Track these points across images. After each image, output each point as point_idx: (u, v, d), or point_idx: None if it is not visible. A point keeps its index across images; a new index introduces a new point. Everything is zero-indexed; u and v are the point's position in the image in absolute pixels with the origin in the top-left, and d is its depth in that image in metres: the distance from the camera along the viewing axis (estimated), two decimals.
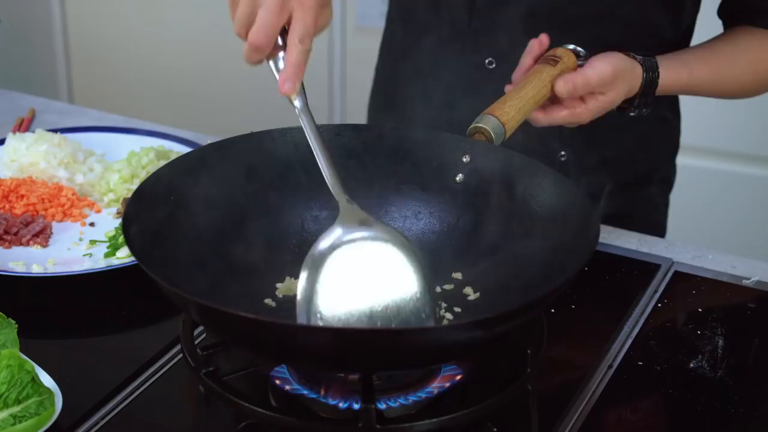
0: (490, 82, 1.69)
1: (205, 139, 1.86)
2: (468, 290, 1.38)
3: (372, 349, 1.14)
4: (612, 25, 1.68)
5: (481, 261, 1.38)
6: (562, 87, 1.49)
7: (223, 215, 1.39)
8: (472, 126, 1.42)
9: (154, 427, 1.31)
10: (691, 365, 1.37)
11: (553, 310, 1.44)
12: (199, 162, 1.40)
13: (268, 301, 1.37)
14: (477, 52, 1.74)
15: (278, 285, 1.39)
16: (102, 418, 1.29)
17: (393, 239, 1.26)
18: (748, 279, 1.55)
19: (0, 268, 1.52)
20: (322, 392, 1.25)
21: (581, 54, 1.54)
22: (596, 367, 1.37)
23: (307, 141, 1.32)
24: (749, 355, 1.40)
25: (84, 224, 1.69)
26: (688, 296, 1.51)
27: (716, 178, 2.87)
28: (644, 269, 1.56)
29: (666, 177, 1.94)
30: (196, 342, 1.29)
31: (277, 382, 1.27)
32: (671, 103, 1.87)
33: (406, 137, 1.46)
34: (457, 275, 1.40)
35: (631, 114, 1.59)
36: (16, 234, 1.62)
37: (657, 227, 1.91)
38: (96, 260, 1.58)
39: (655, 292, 1.52)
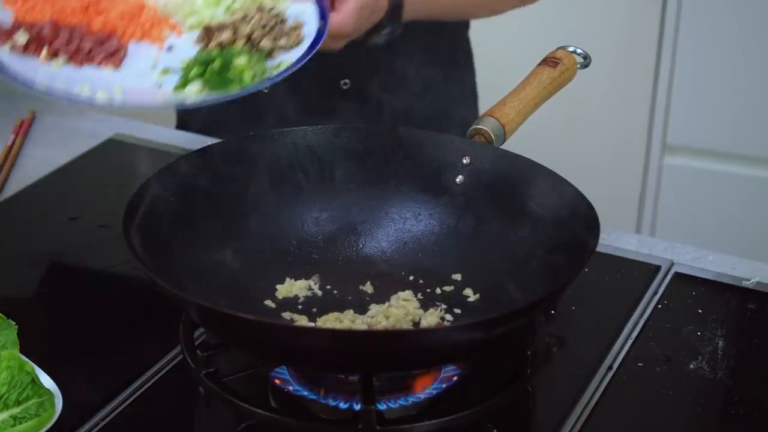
0: None
1: (205, 141, 1.86)
2: (468, 291, 1.38)
3: (371, 351, 1.14)
4: None
5: (481, 262, 1.39)
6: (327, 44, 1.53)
7: (223, 216, 1.39)
8: (472, 127, 1.43)
9: (155, 428, 1.31)
10: (692, 366, 1.37)
11: (553, 311, 1.44)
12: (199, 163, 1.40)
13: (267, 302, 1.37)
14: None
15: (278, 286, 1.39)
16: (102, 419, 1.29)
17: None
18: (749, 280, 1.55)
19: (66, 92, 1.42)
20: (322, 393, 1.25)
21: (581, 54, 1.54)
22: (596, 368, 1.36)
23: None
24: (749, 356, 1.40)
25: (161, 47, 1.53)
26: (688, 297, 1.51)
27: (716, 179, 2.87)
28: (644, 270, 1.56)
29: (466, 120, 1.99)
30: (196, 343, 1.29)
31: (277, 382, 1.27)
32: (459, 48, 1.96)
33: (406, 138, 1.46)
34: (457, 276, 1.40)
35: (383, 35, 1.66)
36: (89, 53, 1.50)
37: None
38: (165, 93, 1.45)
39: (655, 293, 1.52)
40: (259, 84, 1.47)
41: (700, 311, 1.48)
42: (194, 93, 1.44)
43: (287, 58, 1.50)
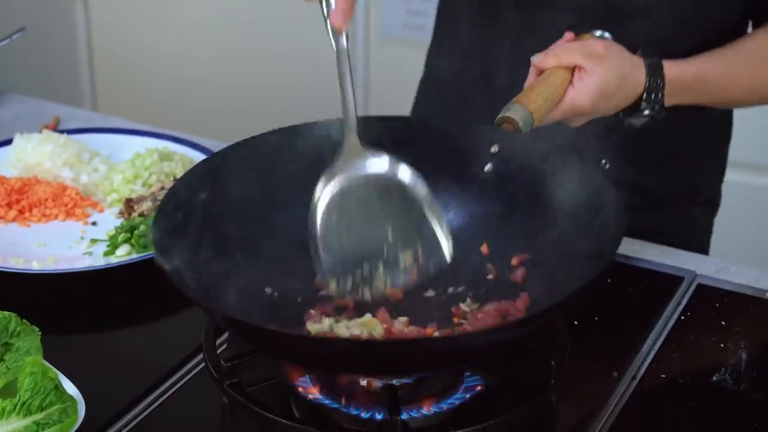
0: None
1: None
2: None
3: (396, 355, 1.15)
4: (666, 18, 1.64)
5: (508, 252, 1.38)
6: (558, 116, 1.48)
7: (251, 218, 1.38)
8: (499, 116, 1.41)
9: None
10: (714, 378, 1.37)
11: (576, 322, 1.43)
12: (226, 165, 1.39)
13: (297, 306, 1.36)
14: (524, 50, 1.65)
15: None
16: (124, 426, 1.29)
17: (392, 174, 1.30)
18: None
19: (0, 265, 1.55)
20: (344, 402, 1.25)
21: (608, 39, 1.53)
22: (619, 378, 1.36)
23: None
24: None
25: (86, 223, 1.70)
26: (711, 309, 1.51)
27: (738, 190, 2.85)
28: (667, 282, 1.56)
29: (711, 198, 1.92)
30: (218, 352, 1.29)
31: (300, 391, 1.27)
32: (720, 119, 1.85)
33: (434, 128, 1.45)
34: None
35: (645, 114, 1.57)
36: None
37: (698, 248, 1.82)
38: (95, 258, 1.60)
39: (678, 304, 1.51)
40: None
41: (723, 323, 1.47)
42: (124, 255, 1.59)
43: None
